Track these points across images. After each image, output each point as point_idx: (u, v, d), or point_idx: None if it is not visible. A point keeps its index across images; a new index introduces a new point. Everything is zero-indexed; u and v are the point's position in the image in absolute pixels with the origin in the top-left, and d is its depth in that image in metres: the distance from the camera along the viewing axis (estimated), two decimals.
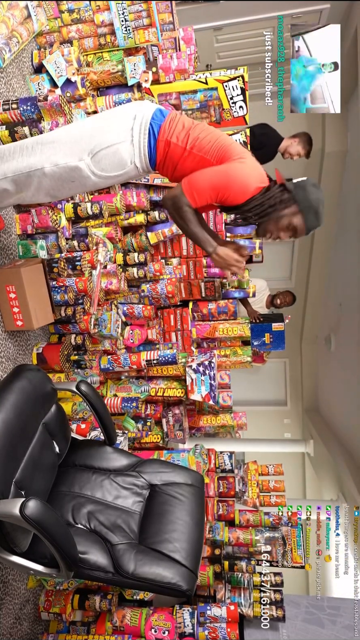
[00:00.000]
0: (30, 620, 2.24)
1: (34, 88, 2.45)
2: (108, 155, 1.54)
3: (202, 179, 1.54)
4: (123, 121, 1.56)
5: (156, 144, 1.57)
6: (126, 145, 1.54)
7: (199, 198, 1.55)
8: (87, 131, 1.57)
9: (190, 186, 1.55)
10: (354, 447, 4.62)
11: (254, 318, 3.47)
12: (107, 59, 2.55)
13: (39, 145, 1.58)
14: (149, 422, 2.78)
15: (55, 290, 2.43)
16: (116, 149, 1.53)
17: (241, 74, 2.52)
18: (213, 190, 1.55)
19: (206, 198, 1.56)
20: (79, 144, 1.55)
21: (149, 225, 2.81)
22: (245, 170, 1.54)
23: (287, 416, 7.24)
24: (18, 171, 1.59)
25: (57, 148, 1.56)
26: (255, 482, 2.86)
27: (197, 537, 1.71)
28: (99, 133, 1.55)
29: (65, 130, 1.62)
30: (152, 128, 1.56)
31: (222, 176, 1.53)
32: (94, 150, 1.53)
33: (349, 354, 4.99)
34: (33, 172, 1.58)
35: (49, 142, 1.58)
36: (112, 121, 1.58)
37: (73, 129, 1.62)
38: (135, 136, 1.54)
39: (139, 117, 1.56)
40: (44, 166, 1.56)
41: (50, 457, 1.66)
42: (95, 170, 1.56)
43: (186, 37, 2.68)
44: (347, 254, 5.06)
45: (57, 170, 1.56)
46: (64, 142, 1.56)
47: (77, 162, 1.54)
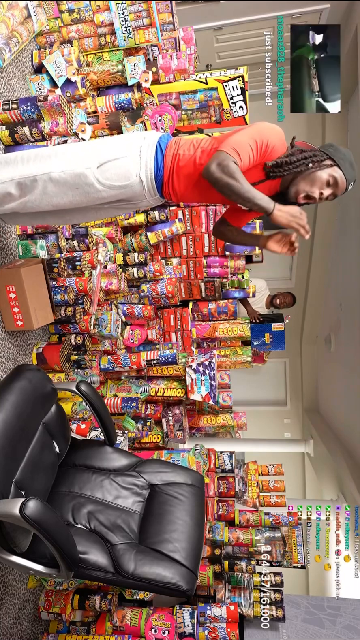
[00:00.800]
0: (30, 620, 2.24)
1: (34, 88, 2.45)
2: (114, 166, 1.58)
3: (239, 136, 1.52)
4: (132, 140, 1.62)
5: (163, 158, 1.61)
6: (134, 158, 1.58)
7: (243, 156, 1.50)
8: (97, 145, 1.65)
9: (231, 145, 1.49)
10: (354, 447, 4.62)
11: (254, 318, 3.47)
12: (107, 59, 2.55)
13: (50, 157, 1.63)
14: (149, 422, 2.78)
15: (55, 290, 2.43)
16: (123, 161, 1.58)
17: (241, 74, 2.52)
18: (255, 143, 1.52)
19: (250, 154, 1.51)
20: (88, 154, 1.61)
21: (149, 225, 2.81)
22: (272, 125, 1.56)
23: (287, 416, 7.23)
24: (25, 175, 1.62)
25: (67, 156, 1.62)
26: (255, 482, 2.86)
27: (197, 537, 1.71)
28: (108, 147, 1.61)
29: (77, 144, 1.71)
30: (159, 145, 1.61)
31: (257, 130, 1.53)
32: (101, 161, 1.58)
33: (349, 354, 4.99)
34: (40, 177, 1.61)
35: (60, 153, 1.64)
36: (121, 140, 1.65)
37: (85, 144, 1.72)
38: (143, 151, 1.59)
39: (147, 138, 1.62)
40: (51, 171, 1.59)
41: (50, 457, 1.66)
42: (100, 179, 1.58)
43: (186, 37, 2.68)
44: (347, 254, 5.06)
45: (63, 176, 1.59)
46: (74, 152, 1.62)
47: (84, 169, 1.58)
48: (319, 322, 6.54)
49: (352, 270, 4.85)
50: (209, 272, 3.00)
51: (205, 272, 2.99)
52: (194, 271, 2.98)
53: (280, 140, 1.56)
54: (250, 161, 1.52)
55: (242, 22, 4.11)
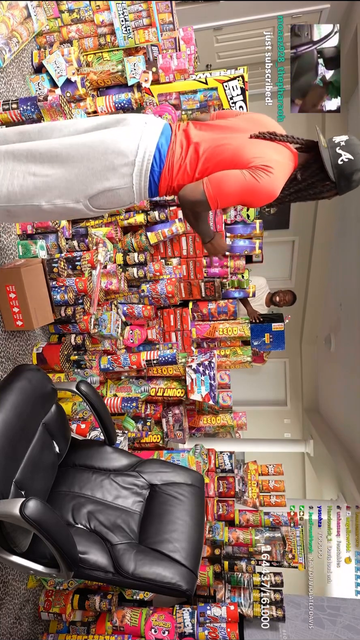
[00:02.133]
0: (30, 620, 2.24)
1: (34, 88, 2.45)
2: (106, 197, 1.50)
3: (227, 185, 1.46)
4: (121, 165, 1.46)
5: (157, 189, 1.54)
6: (126, 190, 1.50)
7: (221, 203, 1.49)
8: (82, 171, 1.47)
9: (214, 192, 1.46)
10: (354, 447, 4.62)
11: (254, 318, 3.47)
12: (107, 59, 2.55)
13: (30, 176, 1.49)
14: (149, 422, 2.78)
15: (55, 290, 2.43)
16: (115, 193, 1.50)
17: (241, 74, 2.52)
18: (238, 199, 1.49)
19: (229, 204, 1.52)
20: (75, 185, 1.48)
21: (149, 225, 2.81)
22: (271, 181, 1.46)
23: (287, 416, 7.23)
24: (12, 204, 1.53)
25: (52, 188, 1.49)
26: (255, 482, 2.86)
27: (197, 537, 1.71)
28: (95, 177, 1.47)
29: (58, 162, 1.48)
30: (152, 176, 1.50)
31: (248, 188, 1.46)
32: (91, 194, 1.48)
33: (349, 354, 4.99)
34: (29, 207, 1.53)
35: (42, 176, 1.48)
36: (109, 162, 1.46)
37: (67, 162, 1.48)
38: (135, 184, 1.49)
39: (138, 162, 1.47)
40: (41, 204, 1.51)
41: (50, 457, 1.66)
42: (93, 208, 1.53)
43: (186, 37, 2.68)
44: (347, 254, 5.06)
45: (55, 208, 1.52)
46: (60, 181, 1.48)
47: (75, 204, 1.50)
48: (319, 322, 6.54)
49: (352, 270, 4.85)
50: (209, 272, 3.00)
51: (205, 272, 2.99)
52: (194, 271, 2.98)
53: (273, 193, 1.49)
54: (226, 207, 1.57)
55: (242, 22, 4.12)
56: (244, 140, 1.52)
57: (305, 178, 1.55)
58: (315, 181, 1.55)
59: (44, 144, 1.52)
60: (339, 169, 1.50)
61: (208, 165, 1.50)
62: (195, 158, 1.51)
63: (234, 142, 1.51)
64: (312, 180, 1.55)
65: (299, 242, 6.37)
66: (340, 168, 1.50)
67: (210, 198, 1.46)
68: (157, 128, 1.52)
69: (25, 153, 1.51)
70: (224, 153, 1.50)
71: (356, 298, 4.64)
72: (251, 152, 1.48)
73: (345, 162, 1.49)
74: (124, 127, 1.51)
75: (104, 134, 1.51)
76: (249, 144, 1.51)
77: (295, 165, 1.55)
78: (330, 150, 1.51)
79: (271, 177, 1.46)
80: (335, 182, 1.51)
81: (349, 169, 1.49)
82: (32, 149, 1.51)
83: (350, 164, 1.49)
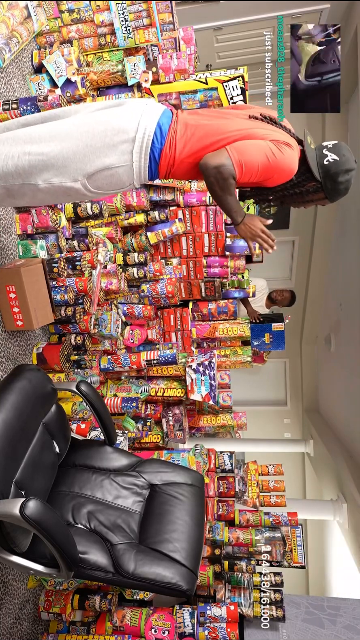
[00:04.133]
0: (30, 620, 2.24)
1: (34, 88, 2.45)
2: (105, 177, 1.47)
3: (251, 151, 1.43)
4: (121, 142, 1.44)
5: (158, 168, 1.52)
6: (126, 169, 1.47)
7: (246, 173, 1.45)
8: (80, 148, 1.44)
9: (239, 156, 1.42)
10: (354, 447, 4.62)
11: (254, 318, 3.47)
12: (107, 59, 2.55)
13: (26, 155, 1.46)
14: (149, 422, 2.78)
15: (55, 290, 2.43)
16: (114, 172, 1.46)
17: (241, 74, 2.52)
18: (262, 169, 1.46)
19: (253, 175, 1.47)
20: (73, 163, 1.45)
21: (149, 225, 2.81)
22: (292, 155, 1.48)
23: (287, 416, 7.24)
24: (10, 184, 1.51)
25: (48, 165, 1.46)
26: (255, 482, 2.86)
27: (197, 537, 1.71)
28: (94, 154, 1.44)
29: (56, 141, 1.46)
30: (152, 153, 1.47)
31: (272, 157, 1.44)
32: (89, 172, 1.46)
33: (349, 354, 4.99)
34: (27, 186, 1.51)
35: (37, 154, 1.45)
36: (109, 139, 1.44)
37: (65, 140, 1.46)
38: (135, 161, 1.46)
39: (138, 139, 1.45)
40: (37, 183, 1.49)
41: (50, 457, 1.66)
42: (92, 189, 1.50)
43: (186, 37, 2.68)
44: (347, 254, 5.06)
45: (52, 188, 1.49)
46: (56, 159, 1.45)
47: (72, 182, 1.47)
48: (319, 322, 6.55)
49: (352, 270, 4.85)
50: (209, 272, 3.00)
51: (205, 272, 2.99)
52: (194, 271, 2.98)
53: (292, 171, 1.51)
54: (249, 181, 1.50)
55: (242, 22, 4.12)
56: (247, 123, 1.54)
57: (292, 177, 1.56)
58: (302, 180, 1.57)
59: (44, 126, 1.52)
60: (324, 169, 1.54)
61: (210, 147, 1.48)
62: (197, 138, 1.49)
63: (238, 124, 1.52)
64: (299, 180, 1.57)
65: (299, 242, 6.38)
66: (326, 168, 1.53)
67: (235, 162, 1.43)
68: (158, 109, 1.51)
69: (24, 137, 1.50)
70: (228, 135, 1.48)
71: (356, 298, 4.64)
72: (263, 131, 1.50)
73: (331, 162, 1.53)
74: (125, 106, 1.51)
75: (104, 112, 1.50)
76: (257, 125, 1.53)
77: (299, 155, 1.56)
78: (317, 151, 1.56)
79: (290, 153, 1.49)
80: (320, 181, 1.54)
81: (334, 169, 1.53)
82: (32, 132, 1.51)
83: (336, 164, 1.52)
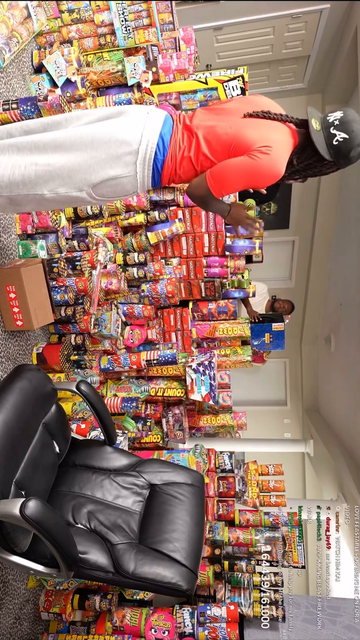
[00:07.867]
0: (30, 620, 2.24)
1: (34, 88, 2.45)
2: (110, 186, 1.52)
3: (229, 175, 1.51)
4: (125, 153, 1.48)
5: (160, 178, 1.57)
6: (129, 179, 1.52)
7: (226, 191, 1.55)
8: (85, 159, 1.48)
9: (217, 184, 1.52)
10: (354, 447, 4.62)
11: (254, 318, 3.47)
12: (107, 59, 2.55)
13: (33, 165, 1.50)
14: (149, 422, 2.78)
15: (55, 290, 2.43)
16: (119, 182, 1.51)
17: (241, 74, 2.52)
18: (243, 184, 1.54)
19: (235, 190, 1.58)
20: (78, 174, 1.49)
21: (149, 225, 2.81)
22: (271, 160, 1.48)
23: (287, 416, 7.23)
24: (14, 193, 1.54)
25: (54, 176, 1.50)
26: (255, 482, 2.86)
27: (197, 536, 1.71)
28: (99, 165, 1.48)
29: (61, 151, 1.50)
30: (155, 164, 1.53)
31: (250, 172, 1.49)
32: (94, 182, 1.50)
33: (349, 354, 4.98)
34: (32, 195, 1.54)
35: (44, 165, 1.49)
36: (112, 150, 1.48)
37: (70, 150, 1.49)
38: (139, 172, 1.51)
39: (141, 151, 1.49)
40: (43, 193, 1.53)
41: (51, 457, 1.66)
42: (96, 197, 1.54)
43: (186, 37, 2.68)
44: (347, 253, 5.06)
45: (57, 197, 1.53)
46: (62, 169, 1.49)
47: (78, 192, 1.52)
48: (319, 322, 6.54)
49: (352, 270, 4.85)
50: (209, 272, 3.00)
51: (205, 272, 2.99)
52: (194, 271, 2.98)
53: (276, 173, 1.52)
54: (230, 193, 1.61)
55: (242, 22, 4.11)
56: (241, 123, 1.54)
57: (301, 161, 1.57)
58: (313, 162, 1.56)
59: (48, 135, 1.54)
60: (335, 149, 1.49)
61: (209, 154, 1.54)
62: (197, 147, 1.55)
63: (234, 126, 1.53)
64: (309, 162, 1.57)
65: (299, 242, 6.37)
66: (337, 148, 1.49)
67: (214, 191, 1.54)
68: (160, 118, 1.55)
69: (28, 145, 1.52)
70: (224, 141, 1.53)
71: (356, 298, 4.64)
72: (251, 137, 1.50)
73: (341, 141, 1.48)
74: (127, 117, 1.54)
75: (107, 123, 1.53)
76: (247, 127, 1.52)
77: (295, 142, 1.56)
78: (324, 131, 1.50)
79: (271, 157, 1.48)
80: (333, 161, 1.53)
81: (345, 148, 1.49)
82: (36, 141, 1.53)
83: (346, 142, 1.48)
